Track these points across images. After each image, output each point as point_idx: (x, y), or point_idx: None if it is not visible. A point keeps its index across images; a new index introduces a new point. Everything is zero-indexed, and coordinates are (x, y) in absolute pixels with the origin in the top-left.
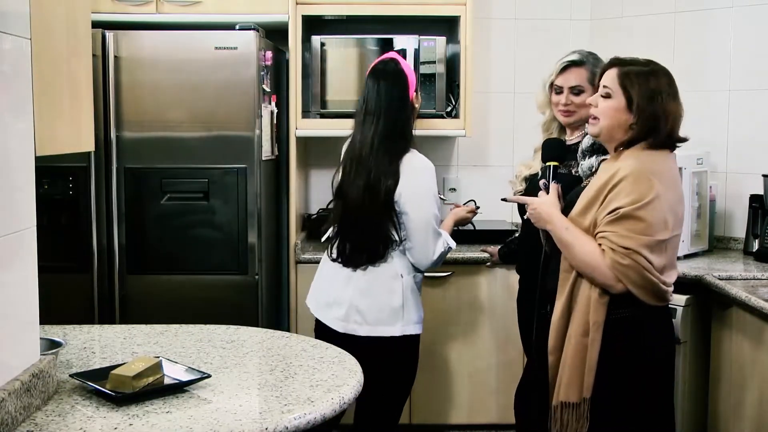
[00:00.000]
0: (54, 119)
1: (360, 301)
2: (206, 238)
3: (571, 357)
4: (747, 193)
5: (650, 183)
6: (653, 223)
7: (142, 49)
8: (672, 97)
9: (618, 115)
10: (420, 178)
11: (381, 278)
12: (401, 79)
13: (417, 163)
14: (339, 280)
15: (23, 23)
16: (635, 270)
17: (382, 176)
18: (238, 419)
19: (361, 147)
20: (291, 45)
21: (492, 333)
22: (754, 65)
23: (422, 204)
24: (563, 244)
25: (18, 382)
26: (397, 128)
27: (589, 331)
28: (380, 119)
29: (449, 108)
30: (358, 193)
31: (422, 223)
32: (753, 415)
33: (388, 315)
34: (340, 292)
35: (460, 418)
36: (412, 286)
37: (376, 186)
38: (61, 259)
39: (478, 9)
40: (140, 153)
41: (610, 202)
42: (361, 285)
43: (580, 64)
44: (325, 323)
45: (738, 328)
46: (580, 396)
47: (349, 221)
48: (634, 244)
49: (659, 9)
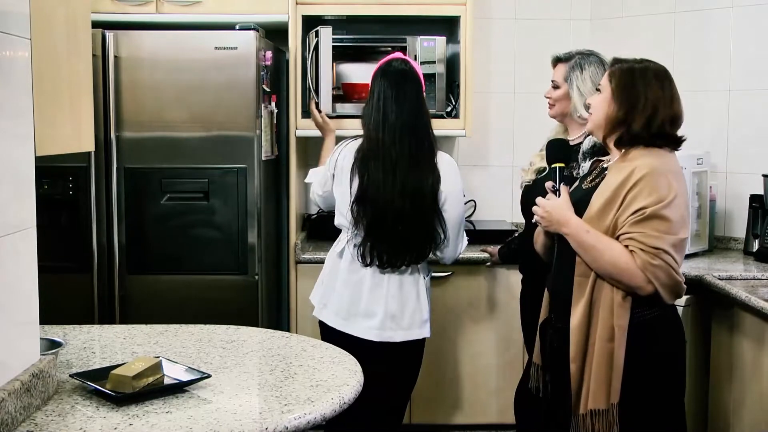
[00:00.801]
0: (54, 119)
1: (394, 307)
2: (206, 238)
3: (596, 363)
4: (747, 193)
5: (668, 181)
6: (677, 222)
7: (142, 49)
8: (658, 86)
9: (604, 105)
10: (455, 176)
11: (408, 282)
12: (417, 79)
13: (449, 161)
14: (366, 289)
15: (23, 23)
16: (665, 270)
17: (423, 177)
18: (238, 419)
19: (390, 149)
20: (291, 45)
21: (492, 333)
22: (754, 65)
23: (458, 201)
24: (585, 248)
25: (18, 382)
26: (423, 128)
27: (614, 335)
28: (408, 122)
29: (449, 108)
30: (397, 196)
31: (458, 219)
32: (753, 415)
33: (420, 318)
34: (371, 301)
35: (460, 418)
36: (428, 285)
37: (420, 188)
38: (61, 259)
39: (478, 9)
40: (140, 153)
41: (632, 202)
42: (392, 290)
43: (565, 61)
44: (354, 335)
45: (738, 328)
46: (608, 402)
47: (383, 226)
48: (663, 244)
49: (659, 9)
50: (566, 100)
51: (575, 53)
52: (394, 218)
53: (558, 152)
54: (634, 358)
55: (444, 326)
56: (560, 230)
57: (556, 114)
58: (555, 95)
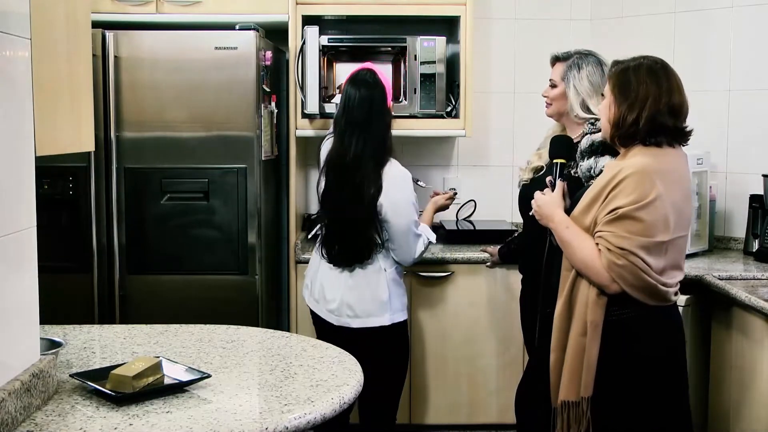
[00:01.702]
0: (54, 119)
1: (350, 297)
2: (206, 238)
3: (570, 356)
4: (747, 193)
5: (652, 183)
6: (652, 224)
7: (142, 49)
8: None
9: (606, 109)
10: (399, 188)
11: (367, 274)
12: (381, 90)
13: (397, 173)
14: (330, 277)
15: (23, 23)
16: (630, 271)
17: (366, 186)
18: (238, 419)
19: (345, 156)
20: (291, 45)
21: (492, 333)
22: (754, 65)
23: (402, 212)
24: (563, 243)
25: (18, 382)
26: (380, 139)
27: (587, 331)
28: (364, 130)
29: (449, 108)
30: (344, 201)
31: (403, 228)
32: (754, 415)
33: (377, 307)
34: (331, 288)
35: (460, 418)
36: (394, 277)
37: (360, 195)
38: (61, 259)
39: (478, 9)
40: (140, 153)
41: (611, 202)
42: (349, 282)
43: (563, 60)
44: (321, 316)
45: (738, 328)
46: (578, 395)
47: (335, 226)
48: (630, 245)
49: (659, 9)
50: (563, 99)
51: (574, 53)
52: (339, 222)
53: (560, 148)
54: (612, 355)
55: (444, 326)
56: (548, 224)
57: (552, 113)
58: (552, 94)
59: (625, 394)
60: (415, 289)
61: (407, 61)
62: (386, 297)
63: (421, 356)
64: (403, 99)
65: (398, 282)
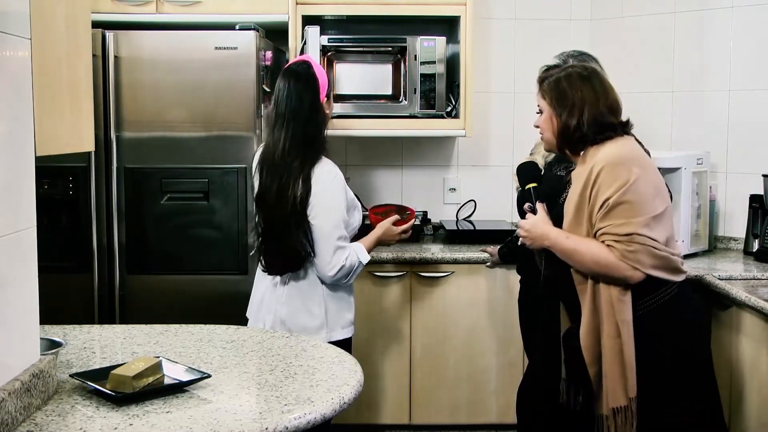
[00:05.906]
0: (54, 119)
1: (282, 312)
2: (206, 238)
3: (609, 362)
4: (747, 193)
5: (627, 167)
6: (642, 202)
7: (142, 49)
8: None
9: (548, 122)
10: (327, 189)
11: (301, 288)
12: (312, 83)
13: (326, 172)
14: (266, 289)
15: (23, 23)
16: (644, 252)
17: (293, 184)
18: (238, 419)
19: (273, 152)
20: (291, 45)
21: (492, 333)
22: (754, 65)
23: (325, 215)
24: (568, 253)
25: (18, 382)
26: (308, 134)
27: (620, 331)
28: (291, 124)
29: (449, 108)
30: (273, 200)
31: (322, 232)
32: (754, 415)
33: (312, 324)
34: (266, 302)
35: (460, 418)
36: (335, 291)
37: (287, 195)
38: (61, 259)
39: (478, 9)
40: (140, 153)
41: (597, 198)
42: (283, 296)
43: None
44: None
45: (738, 328)
46: (627, 397)
47: (268, 229)
48: (632, 228)
49: (659, 9)
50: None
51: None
52: (269, 224)
53: (529, 174)
54: (649, 350)
55: (444, 326)
56: (543, 244)
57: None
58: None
59: (672, 385)
60: (415, 289)
61: (407, 61)
62: (320, 312)
63: (421, 356)
64: (403, 99)
65: (339, 296)
